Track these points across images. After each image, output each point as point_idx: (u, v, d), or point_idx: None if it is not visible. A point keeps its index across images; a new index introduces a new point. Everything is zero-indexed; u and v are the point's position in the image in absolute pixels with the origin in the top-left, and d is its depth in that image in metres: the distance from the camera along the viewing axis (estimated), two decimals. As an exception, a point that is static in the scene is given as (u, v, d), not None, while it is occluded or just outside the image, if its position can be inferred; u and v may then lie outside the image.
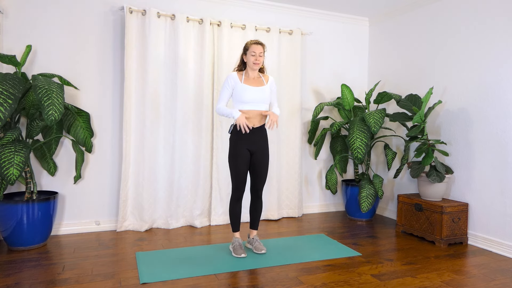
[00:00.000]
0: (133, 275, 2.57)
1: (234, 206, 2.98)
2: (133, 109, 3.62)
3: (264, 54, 2.94)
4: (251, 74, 2.98)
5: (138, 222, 3.65)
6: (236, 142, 2.92)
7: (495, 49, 3.27)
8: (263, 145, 2.99)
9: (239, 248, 2.96)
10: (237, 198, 2.97)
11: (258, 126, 2.96)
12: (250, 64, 2.92)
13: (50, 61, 3.44)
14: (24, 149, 2.82)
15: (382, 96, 3.99)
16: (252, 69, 2.95)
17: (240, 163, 2.90)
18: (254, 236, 3.13)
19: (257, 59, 2.90)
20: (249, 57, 2.91)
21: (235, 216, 3.01)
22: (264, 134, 3.01)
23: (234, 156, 2.92)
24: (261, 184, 3.04)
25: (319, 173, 4.61)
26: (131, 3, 3.64)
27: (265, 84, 3.00)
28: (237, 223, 3.03)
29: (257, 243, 3.08)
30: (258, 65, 2.92)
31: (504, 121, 3.18)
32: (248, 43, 2.94)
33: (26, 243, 3.03)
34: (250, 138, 2.92)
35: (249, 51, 2.91)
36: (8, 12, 3.30)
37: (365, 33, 4.77)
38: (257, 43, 2.91)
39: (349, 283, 2.49)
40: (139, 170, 3.64)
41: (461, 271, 2.75)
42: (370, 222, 4.12)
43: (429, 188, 3.49)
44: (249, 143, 2.93)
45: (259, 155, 2.97)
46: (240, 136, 2.91)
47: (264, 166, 3.00)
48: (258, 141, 2.96)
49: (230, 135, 2.98)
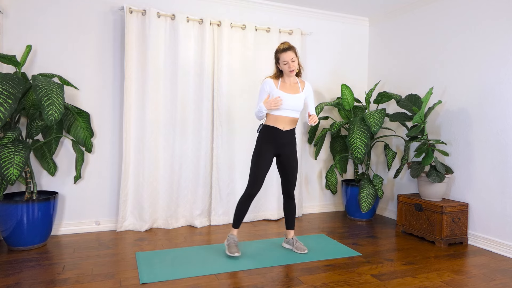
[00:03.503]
0: (133, 275, 2.57)
1: (244, 202, 2.94)
2: (133, 109, 3.61)
3: (297, 57, 2.86)
4: (288, 81, 2.93)
5: (138, 222, 3.65)
6: (263, 142, 2.91)
7: (495, 49, 3.27)
8: (291, 149, 2.98)
9: (233, 246, 2.93)
10: (250, 195, 2.92)
11: (288, 130, 2.93)
12: (287, 72, 2.86)
13: (50, 61, 3.44)
14: (24, 149, 2.82)
15: (382, 96, 3.99)
16: (289, 76, 2.90)
17: (262, 162, 2.88)
18: (293, 236, 3.14)
19: (291, 66, 2.82)
20: (283, 67, 2.85)
21: (241, 213, 2.96)
22: (293, 138, 2.99)
23: (258, 154, 2.90)
24: (291, 186, 3.04)
25: (319, 173, 4.61)
26: (131, 3, 3.64)
27: (301, 91, 2.95)
28: (240, 220, 3.00)
29: (298, 243, 3.09)
30: (294, 71, 2.86)
31: (504, 121, 3.18)
32: (277, 51, 2.87)
33: (26, 243, 3.03)
34: (279, 141, 2.91)
35: (280, 61, 2.85)
36: (8, 12, 3.30)
37: (365, 33, 4.77)
38: (285, 50, 2.81)
39: (349, 283, 2.49)
40: (139, 170, 3.64)
41: (461, 271, 2.75)
42: (370, 222, 4.12)
43: (429, 188, 3.49)
44: (277, 146, 2.92)
45: (288, 158, 2.97)
46: (269, 138, 2.90)
47: (293, 168, 3.00)
48: (288, 145, 2.95)
49: (258, 134, 2.96)
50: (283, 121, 2.90)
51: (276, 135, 2.90)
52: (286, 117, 2.90)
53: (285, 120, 2.90)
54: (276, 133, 2.90)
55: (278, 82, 2.92)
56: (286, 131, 2.92)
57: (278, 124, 2.89)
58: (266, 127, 2.92)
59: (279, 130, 2.89)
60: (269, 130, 2.90)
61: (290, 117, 2.92)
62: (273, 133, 2.90)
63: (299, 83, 2.98)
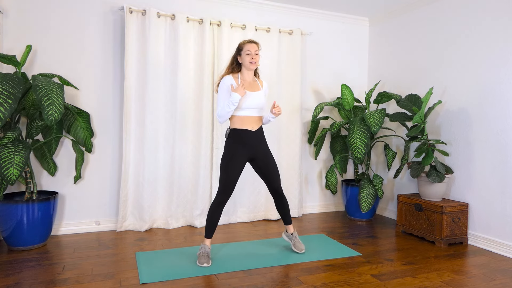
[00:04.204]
0: (133, 275, 2.57)
1: (214, 210, 2.78)
2: (133, 109, 3.61)
3: (259, 53, 2.84)
4: (247, 77, 2.87)
5: (138, 222, 3.65)
6: (232, 147, 2.80)
7: (495, 49, 3.27)
8: (265, 148, 2.90)
9: (204, 257, 2.76)
10: (220, 202, 2.77)
11: (257, 129, 2.86)
12: (247, 64, 2.79)
13: (50, 61, 3.44)
14: (24, 149, 2.82)
15: (382, 96, 3.99)
16: (248, 69, 2.83)
17: (234, 168, 2.76)
18: (293, 231, 3.09)
19: (253, 58, 2.77)
20: (245, 57, 2.78)
21: (212, 221, 2.79)
22: (262, 137, 2.91)
23: (229, 160, 2.77)
24: (276, 182, 2.93)
25: (319, 173, 4.61)
26: (131, 3, 3.64)
27: (261, 88, 2.91)
28: (212, 229, 2.81)
29: (297, 241, 3.06)
30: (255, 64, 2.81)
31: (504, 121, 3.18)
32: (242, 42, 2.82)
33: (26, 243, 3.03)
34: (251, 143, 2.82)
35: (243, 51, 2.79)
36: (8, 12, 3.30)
37: (365, 33, 4.77)
38: (251, 42, 2.80)
39: (349, 283, 2.49)
40: (139, 170, 3.64)
41: (461, 271, 2.75)
42: (370, 222, 4.12)
43: (429, 188, 3.49)
44: (250, 149, 2.82)
45: (263, 158, 2.88)
46: (240, 141, 2.80)
47: (271, 165, 2.90)
48: (258, 145, 2.86)
49: (226, 139, 2.86)
50: (250, 121, 2.81)
51: (247, 138, 2.80)
52: (251, 116, 2.82)
53: (251, 120, 2.82)
54: (247, 135, 2.80)
55: (238, 79, 2.84)
56: (256, 131, 2.83)
57: (246, 125, 2.80)
58: (235, 130, 2.81)
59: (249, 131, 2.80)
60: (239, 133, 2.80)
61: (255, 116, 2.84)
62: (245, 135, 2.80)
63: (258, 81, 2.94)
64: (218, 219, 2.82)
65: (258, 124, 2.88)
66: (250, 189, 4.08)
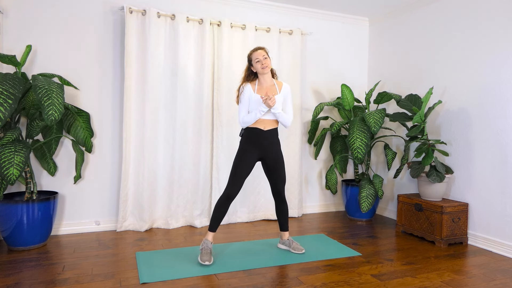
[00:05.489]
0: (133, 275, 2.57)
1: (222, 203, 2.84)
2: (133, 109, 3.61)
3: (268, 55, 2.90)
4: (264, 83, 2.94)
5: (138, 222, 3.65)
6: (244, 144, 2.91)
7: (495, 49, 3.27)
8: (276, 149, 2.96)
9: (206, 254, 2.77)
10: (228, 195, 2.83)
11: (270, 129, 2.92)
12: (260, 70, 2.88)
13: (50, 61, 3.44)
14: (24, 149, 2.82)
15: (382, 96, 3.99)
16: (263, 73, 2.91)
17: (244, 163, 2.86)
18: (289, 237, 3.13)
19: (263, 63, 2.85)
20: (256, 65, 2.88)
21: (218, 215, 2.85)
22: (276, 139, 2.98)
23: (240, 156, 2.88)
24: (280, 186, 3.00)
25: (319, 173, 4.61)
26: (131, 3, 3.64)
27: (278, 93, 2.95)
28: (218, 223, 2.87)
29: (295, 243, 3.08)
30: (267, 68, 2.88)
31: (504, 121, 3.18)
32: (249, 53, 2.94)
33: (26, 243, 3.03)
34: (262, 142, 2.90)
35: (253, 61, 2.89)
36: (8, 12, 3.30)
37: (365, 33, 4.77)
38: (256, 50, 2.90)
39: (349, 283, 2.49)
40: (139, 170, 3.64)
41: (461, 271, 2.75)
42: (370, 222, 4.12)
43: (429, 188, 3.49)
44: (260, 147, 2.90)
45: (274, 159, 2.95)
46: (252, 139, 2.89)
47: (279, 168, 2.97)
48: (271, 145, 2.93)
49: (241, 138, 2.96)
50: (263, 122, 2.90)
51: (258, 136, 2.88)
52: (266, 119, 2.90)
53: (265, 121, 2.90)
54: (258, 134, 2.88)
55: (255, 86, 2.93)
56: (267, 130, 2.91)
57: (259, 124, 2.89)
58: (247, 129, 2.92)
59: (259, 130, 2.89)
60: (250, 132, 2.90)
61: (270, 119, 2.92)
62: (255, 133, 2.89)
63: (276, 85, 2.98)
64: (225, 213, 2.88)
65: (272, 125, 2.94)
66: (250, 189, 4.08)
